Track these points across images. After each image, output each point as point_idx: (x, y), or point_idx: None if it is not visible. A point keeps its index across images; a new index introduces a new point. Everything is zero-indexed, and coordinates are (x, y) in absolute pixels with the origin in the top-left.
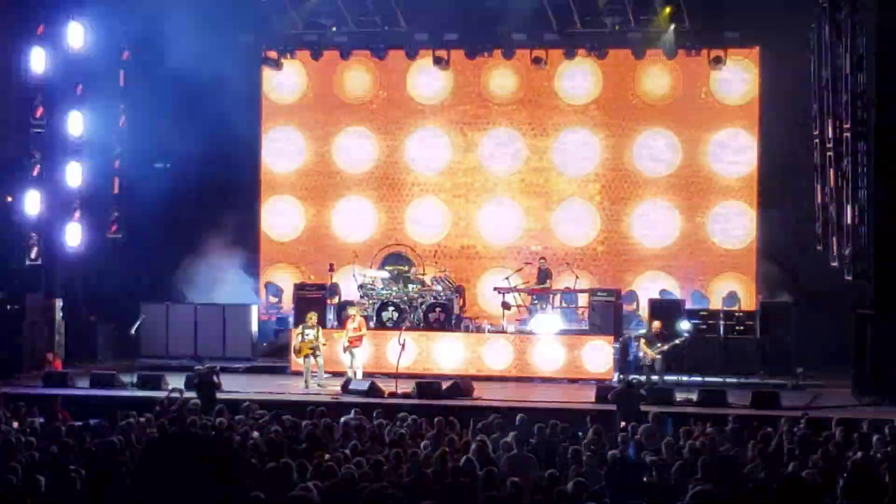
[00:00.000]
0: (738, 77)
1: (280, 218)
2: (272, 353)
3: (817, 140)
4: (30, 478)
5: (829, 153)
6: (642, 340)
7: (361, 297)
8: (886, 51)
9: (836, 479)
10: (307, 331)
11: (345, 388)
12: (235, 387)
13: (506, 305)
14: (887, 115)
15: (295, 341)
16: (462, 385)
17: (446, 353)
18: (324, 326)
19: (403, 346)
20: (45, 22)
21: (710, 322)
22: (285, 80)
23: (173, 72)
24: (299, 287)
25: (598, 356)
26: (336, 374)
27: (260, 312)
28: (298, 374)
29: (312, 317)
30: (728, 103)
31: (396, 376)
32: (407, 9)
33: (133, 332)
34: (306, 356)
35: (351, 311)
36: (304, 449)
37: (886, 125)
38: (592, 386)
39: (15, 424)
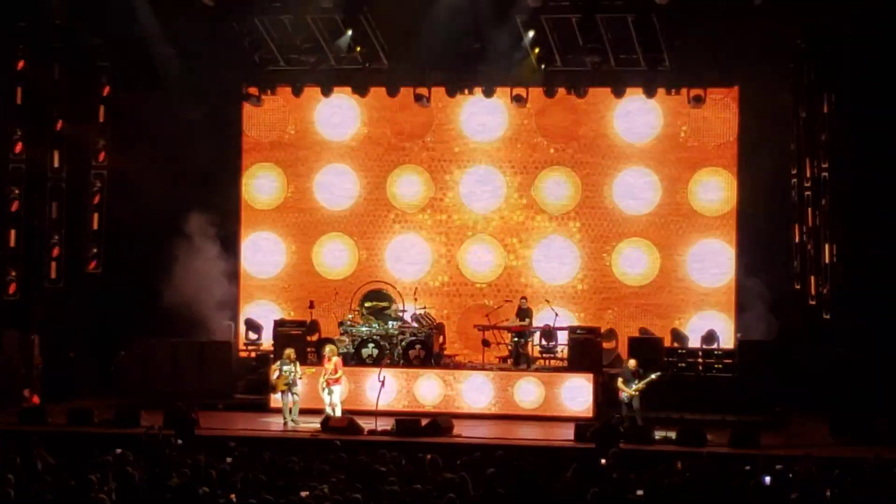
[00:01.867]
0: (717, 116)
1: (260, 254)
2: (251, 390)
3: (796, 179)
4: None
5: (807, 192)
6: (619, 379)
7: (341, 334)
8: (865, 91)
9: None
10: (285, 367)
11: (324, 426)
12: (214, 424)
13: (486, 343)
14: (865, 154)
15: (272, 377)
16: (441, 422)
17: (426, 391)
18: (303, 363)
19: (383, 382)
20: (26, 58)
21: (689, 360)
22: (266, 117)
23: (153, 108)
24: (279, 324)
25: (578, 394)
26: (315, 412)
27: (239, 349)
28: (278, 410)
29: (290, 353)
30: (708, 142)
31: (376, 413)
32: (388, 46)
33: (112, 368)
34: (283, 392)
35: (326, 351)
36: (284, 486)
37: (864, 164)
38: (572, 424)
39: None
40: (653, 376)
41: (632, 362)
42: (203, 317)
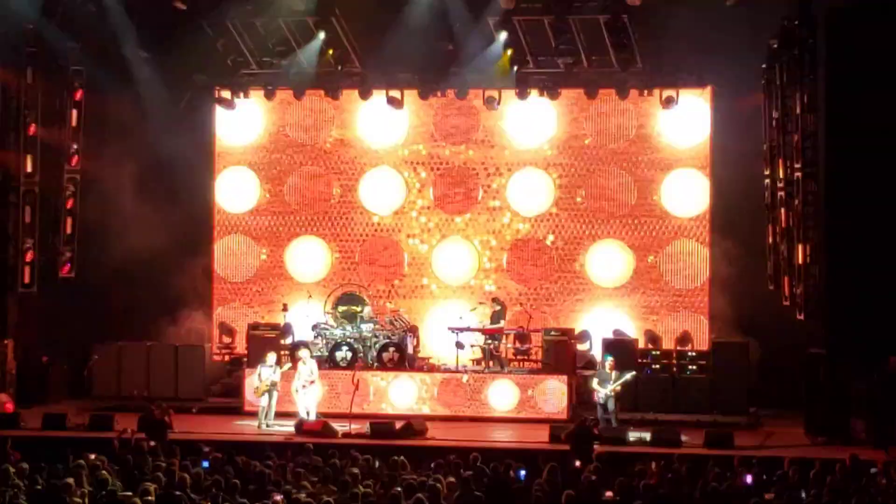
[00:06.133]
0: (690, 117)
1: (233, 258)
2: (225, 394)
3: (769, 180)
4: None
5: (780, 193)
6: (595, 380)
7: (315, 337)
8: (836, 91)
9: None
10: (264, 370)
11: (298, 429)
12: (188, 427)
13: (460, 345)
14: (837, 155)
15: (255, 381)
16: (415, 425)
17: (400, 393)
18: (279, 366)
19: (357, 385)
20: None
21: (664, 361)
22: (238, 120)
23: (126, 112)
24: (252, 327)
25: (552, 396)
26: (289, 415)
27: (212, 352)
28: (251, 414)
29: (270, 356)
30: (680, 143)
31: (350, 416)
32: (361, 49)
33: (85, 372)
34: (263, 395)
35: (302, 353)
36: (257, 489)
37: (837, 165)
38: (546, 426)
39: None
40: (628, 377)
41: (608, 363)
42: (176, 320)
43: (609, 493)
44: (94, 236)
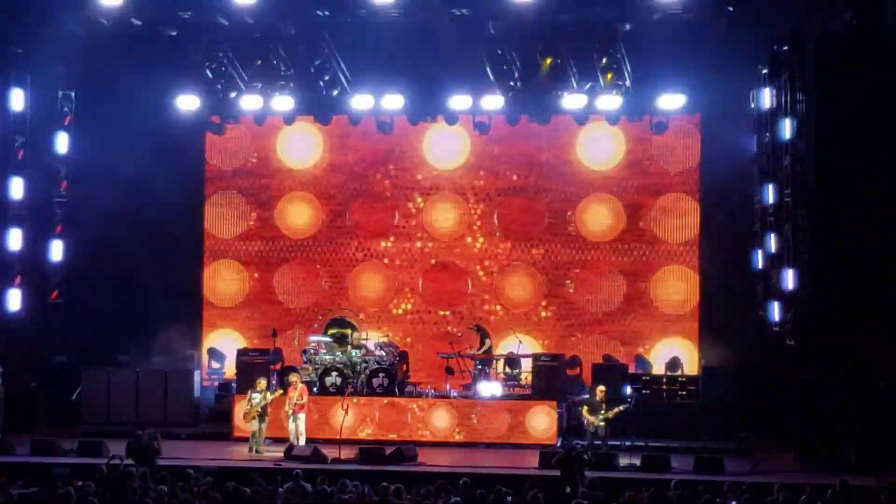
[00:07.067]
0: (679, 142)
1: (223, 283)
2: (214, 419)
3: (758, 205)
4: None
5: (769, 218)
6: (585, 406)
7: (305, 362)
8: (826, 116)
9: None
10: (255, 395)
11: (288, 454)
12: (177, 453)
13: (450, 370)
14: (827, 180)
15: (245, 407)
16: (405, 450)
17: (390, 419)
18: (269, 392)
19: (347, 411)
20: None
21: (653, 387)
22: (228, 145)
23: (116, 136)
24: (242, 352)
25: (542, 421)
26: (279, 440)
27: (202, 378)
28: (241, 440)
29: (261, 382)
30: (670, 168)
31: (340, 442)
32: (351, 74)
33: (74, 397)
34: (253, 419)
35: (292, 378)
36: None
37: (826, 190)
38: (536, 451)
39: None
40: (620, 407)
41: (599, 389)
42: (166, 346)
43: None
44: (83, 262)
